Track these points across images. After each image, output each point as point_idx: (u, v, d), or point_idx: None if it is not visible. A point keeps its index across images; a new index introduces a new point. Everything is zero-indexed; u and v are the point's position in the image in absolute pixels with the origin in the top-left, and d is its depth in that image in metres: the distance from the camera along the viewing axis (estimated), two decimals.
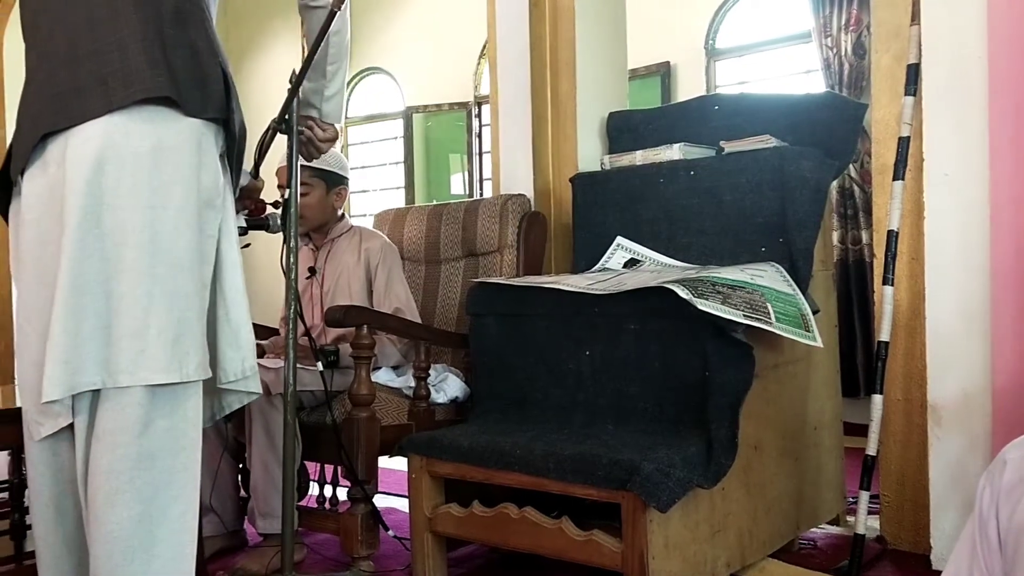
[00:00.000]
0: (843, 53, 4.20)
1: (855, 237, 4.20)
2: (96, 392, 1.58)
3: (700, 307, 1.97)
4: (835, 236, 4.20)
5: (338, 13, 1.95)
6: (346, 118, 6.29)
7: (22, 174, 1.69)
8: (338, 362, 2.56)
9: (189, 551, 1.63)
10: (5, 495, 2.27)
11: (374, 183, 6.52)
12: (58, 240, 1.58)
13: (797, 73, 4.66)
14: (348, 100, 6.31)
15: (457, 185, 5.96)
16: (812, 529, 2.58)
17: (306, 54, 2.05)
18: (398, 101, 6.18)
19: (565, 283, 2.32)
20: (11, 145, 1.75)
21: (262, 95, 5.84)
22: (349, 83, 6.31)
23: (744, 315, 2.04)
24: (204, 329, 1.66)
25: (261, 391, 1.78)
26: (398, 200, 6.16)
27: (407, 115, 6.04)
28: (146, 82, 1.60)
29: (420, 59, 6.00)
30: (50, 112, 1.63)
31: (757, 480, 2.22)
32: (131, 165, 1.57)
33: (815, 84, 4.43)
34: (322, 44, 2.00)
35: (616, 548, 1.95)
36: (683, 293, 1.99)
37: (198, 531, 2.08)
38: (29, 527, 1.86)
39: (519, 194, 2.96)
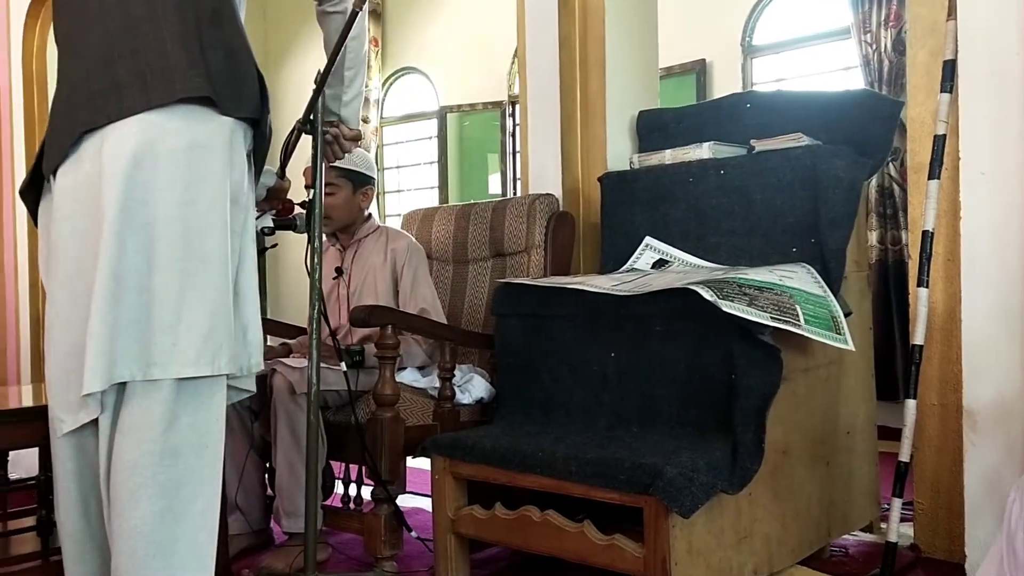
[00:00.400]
0: (883, 49, 4.12)
1: (895, 237, 4.11)
2: (122, 387, 1.59)
3: (725, 309, 1.93)
4: (874, 236, 4.12)
5: (356, 19, 1.96)
6: (381, 118, 6.34)
7: (55, 172, 1.71)
8: (363, 362, 2.56)
9: (210, 547, 1.65)
10: (32, 491, 2.31)
11: (409, 183, 6.54)
12: (94, 235, 1.60)
13: (836, 70, 4.58)
14: (383, 100, 6.35)
15: (496, 185, 5.95)
16: (844, 536, 2.52)
17: (328, 57, 2.06)
18: (432, 101, 6.19)
19: (590, 284, 2.30)
20: (43, 143, 1.77)
21: (298, 97, 5.86)
22: (384, 83, 6.36)
23: (771, 317, 2.00)
24: (233, 323, 1.68)
25: (255, 391, 1.78)
26: (432, 200, 6.17)
27: (441, 115, 6.04)
28: (186, 82, 1.62)
29: (454, 59, 6.00)
30: (88, 110, 1.65)
31: (785, 485, 2.17)
32: (165, 162, 1.59)
33: (854, 81, 4.35)
34: (341, 50, 2.02)
35: (638, 553, 1.92)
36: (707, 295, 1.96)
37: (223, 529, 2.11)
38: (55, 523, 1.88)
39: (547, 194, 2.94)
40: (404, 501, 3.05)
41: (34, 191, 1.81)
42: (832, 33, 4.55)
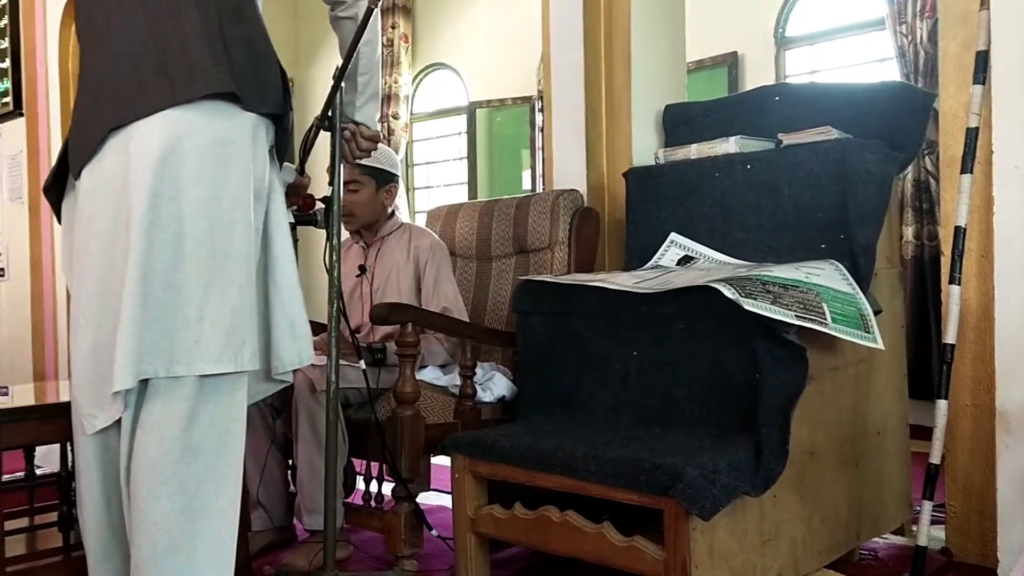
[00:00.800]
0: (918, 41, 4.02)
1: (931, 232, 4.02)
2: (143, 385, 1.60)
3: (747, 307, 1.89)
4: (909, 231, 4.04)
5: (368, 24, 1.96)
6: (411, 114, 6.33)
7: (80, 170, 1.72)
8: (385, 359, 2.55)
9: (230, 544, 1.65)
10: (53, 488, 2.33)
11: (439, 179, 6.53)
12: (121, 234, 1.61)
13: (871, 62, 4.48)
14: (413, 96, 6.34)
15: (529, 181, 5.92)
16: (874, 539, 2.46)
17: (345, 56, 2.05)
18: (462, 96, 6.17)
19: (611, 281, 2.27)
20: (68, 140, 1.77)
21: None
22: (414, 80, 6.35)
23: (796, 315, 1.95)
24: (256, 319, 1.68)
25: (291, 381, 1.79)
26: (462, 196, 6.15)
27: (470, 110, 6.02)
28: (211, 78, 1.63)
29: (484, 54, 5.97)
30: (113, 108, 1.66)
31: (812, 487, 2.12)
32: (191, 158, 1.60)
33: (890, 73, 4.26)
34: (354, 55, 2.02)
35: (658, 556, 1.89)
36: (729, 293, 1.91)
37: (243, 525, 2.11)
38: (76, 519, 1.89)
39: (571, 190, 2.90)
40: (428, 499, 3.04)
41: (57, 188, 1.82)
42: (867, 24, 4.46)
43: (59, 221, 1.85)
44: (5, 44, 5.37)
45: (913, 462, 2.49)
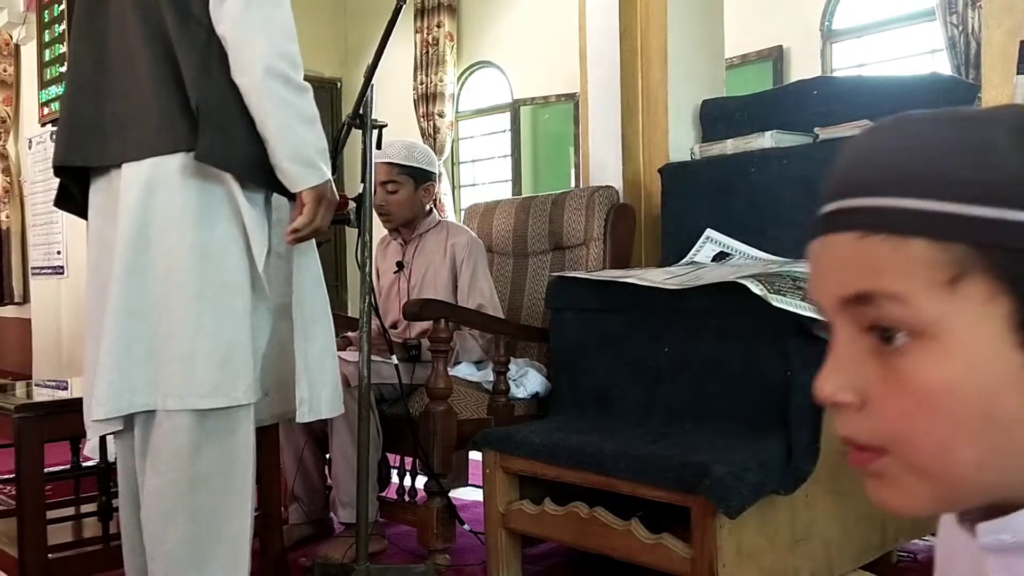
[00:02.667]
0: (969, 31, 3.92)
1: None
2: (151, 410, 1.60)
3: (775, 303, 1.87)
4: None
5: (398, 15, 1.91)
6: (456, 112, 6.36)
7: (90, 173, 1.71)
8: (420, 356, 2.57)
9: (243, 568, 1.64)
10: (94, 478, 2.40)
11: (484, 177, 6.55)
12: (104, 262, 1.61)
13: (921, 54, 4.38)
14: (459, 95, 6.35)
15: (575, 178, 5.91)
16: (914, 540, 2.41)
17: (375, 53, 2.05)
18: (506, 94, 6.18)
19: (642, 277, 2.25)
20: (70, 133, 1.71)
21: (378, 90, 5.94)
22: (459, 78, 6.36)
23: None
24: (253, 349, 1.63)
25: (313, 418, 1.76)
26: (507, 194, 6.16)
27: (514, 108, 6.03)
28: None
29: (528, 51, 5.97)
30: (96, 145, 1.65)
31: (847, 487, 2.09)
32: (179, 187, 1.57)
33: (940, 65, 4.16)
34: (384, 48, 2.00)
35: (686, 554, 1.87)
36: (756, 289, 1.89)
37: (277, 519, 2.14)
38: (115, 509, 1.94)
39: (607, 186, 2.89)
40: (466, 494, 3.07)
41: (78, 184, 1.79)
42: (916, 15, 4.36)
43: (76, 214, 1.83)
44: None
45: None
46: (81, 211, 1.79)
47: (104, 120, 1.64)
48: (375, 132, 2.14)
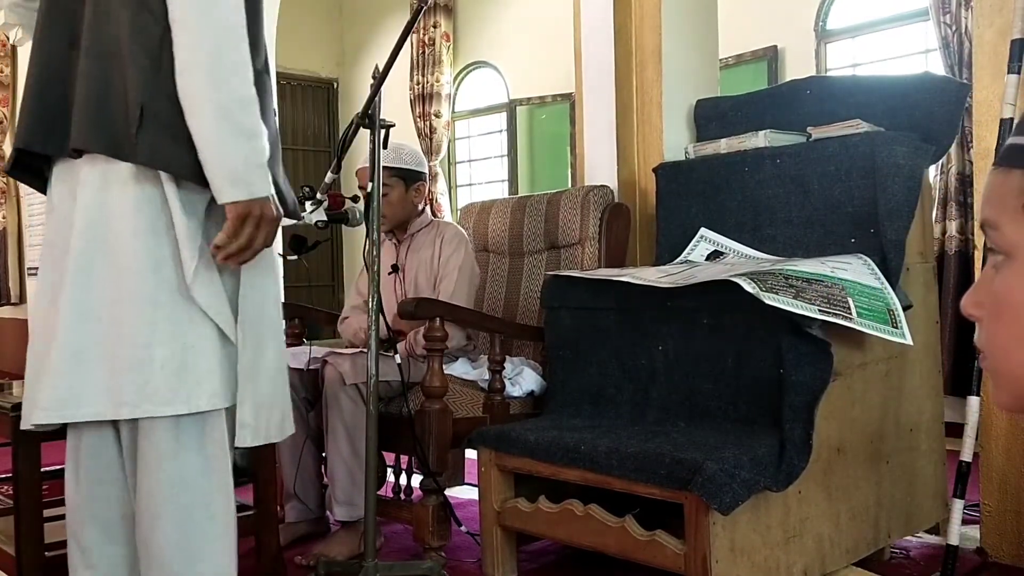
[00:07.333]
0: (963, 31, 3.93)
1: (975, 227, 3.94)
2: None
3: (767, 301, 1.88)
4: (953, 226, 3.95)
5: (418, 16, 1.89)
6: (452, 112, 6.37)
7: (50, 159, 1.65)
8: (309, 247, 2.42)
9: (230, 569, 1.63)
10: None
11: (480, 177, 6.56)
12: (59, 258, 1.55)
13: (914, 54, 4.40)
14: (455, 95, 6.36)
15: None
16: (907, 537, 2.43)
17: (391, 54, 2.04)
18: (502, 94, 6.19)
19: (635, 276, 2.27)
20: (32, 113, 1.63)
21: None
22: (455, 78, 6.37)
23: (819, 310, 1.94)
24: (219, 353, 1.56)
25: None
26: (503, 194, 6.17)
27: (511, 108, 6.04)
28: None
29: (524, 52, 5.98)
30: (55, 136, 1.58)
31: (839, 484, 2.11)
32: (134, 190, 1.52)
33: (933, 65, 4.17)
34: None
35: (679, 550, 1.89)
36: (749, 287, 1.91)
37: (274, 518, 2.15)
38: None
39: (601, 185, 2.91)
40: (462, 492, 3.08)
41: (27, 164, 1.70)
42: (910, 15, 4.37)
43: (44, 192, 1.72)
44: None
45: (950, 460, 2.45)
46: (40, 186, 1.71)
47: (69, 107, 1.57)
48: (382, 132, 2.14)
